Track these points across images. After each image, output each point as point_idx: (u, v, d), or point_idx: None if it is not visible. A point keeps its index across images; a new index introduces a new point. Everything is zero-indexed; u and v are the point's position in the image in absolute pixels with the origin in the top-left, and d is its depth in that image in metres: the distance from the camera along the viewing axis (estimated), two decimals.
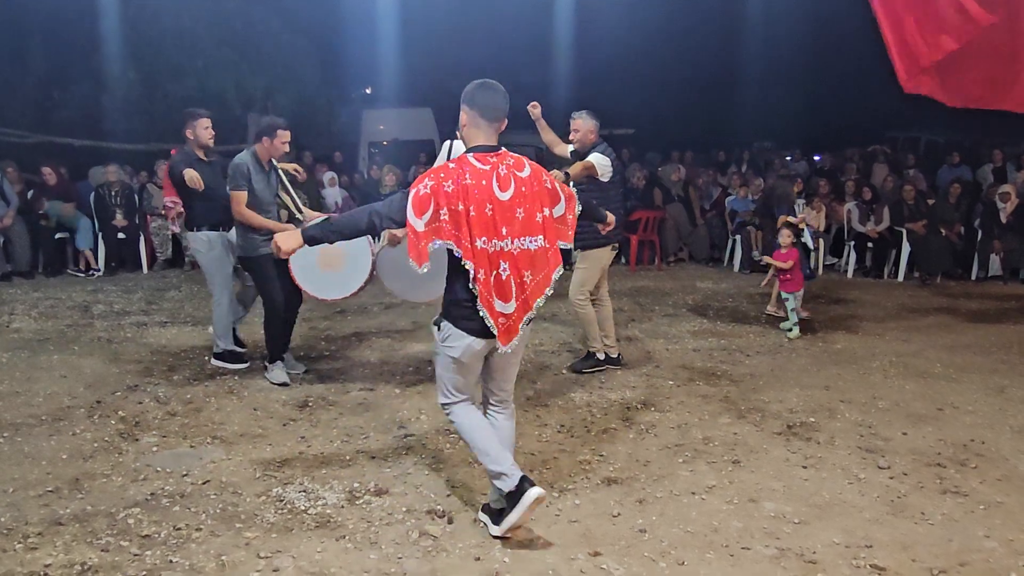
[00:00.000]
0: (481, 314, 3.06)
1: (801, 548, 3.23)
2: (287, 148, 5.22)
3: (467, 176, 3.02)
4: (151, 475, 3.87)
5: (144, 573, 3.00)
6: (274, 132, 5.11)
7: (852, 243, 10.19)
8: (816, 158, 14.66)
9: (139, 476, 3.86)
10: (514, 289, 3.09)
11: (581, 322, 5.69)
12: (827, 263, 10.49)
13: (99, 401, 4.94)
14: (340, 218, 3.36)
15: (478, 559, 3.13)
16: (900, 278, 9.76)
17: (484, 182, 3.03)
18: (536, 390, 5.22)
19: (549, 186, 3.20)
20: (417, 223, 3.01)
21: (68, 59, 12.30)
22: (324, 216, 4.78)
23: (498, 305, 3.07)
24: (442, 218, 3.01)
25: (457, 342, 3.14)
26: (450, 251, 3.07)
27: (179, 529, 3.33)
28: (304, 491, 3.71)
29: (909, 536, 3.35)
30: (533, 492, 3.14)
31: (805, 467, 4.05)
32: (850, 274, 10.09)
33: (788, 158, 14.48)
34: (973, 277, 9.80)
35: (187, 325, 7.01)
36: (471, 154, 3.09)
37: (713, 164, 13.35)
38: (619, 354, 5.76)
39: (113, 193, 9.83)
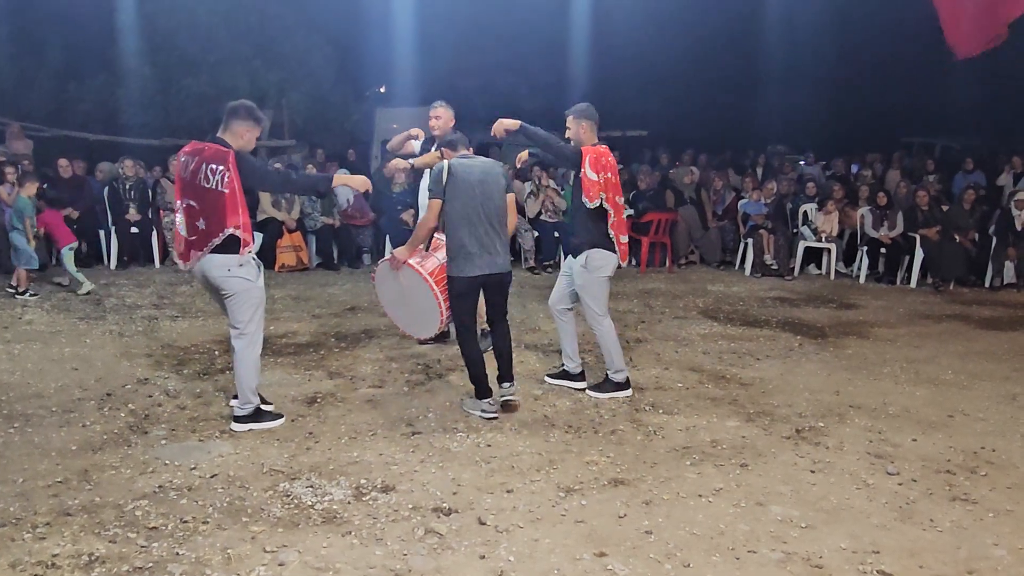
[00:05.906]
0: (613, 243, 4.87)
1: (808, 552, 3.22)
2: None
3: (603, 156, 4.85)
4: (159, 468, 3.90)
5: (151, 565, 3.01)
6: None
7: (865, 248, 10.14)
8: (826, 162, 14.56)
9: (147, 469, 3.88)
10: (624, 227, 4.99)
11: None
12: (839, 269, 10.45)
13: (109, 394, 4.98)
14: (548, 137, 4.83)
15: (483, 557, 3.13)
16: (913, 284, 9.71)
17: (611, 159, 4.90)
18: (544, 390, 5.22)
19: None
20: (592, 175, 4.80)
21: (85, 52, 12.32)
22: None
23: (621, 238, 4.92)
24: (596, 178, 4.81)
25: (608, 263, 4.90)
26: (600, 204, 4.80)
27: (186, 522, 3.35)
28: (311, 487, 3.72)
29: (917, 543, 3.33)
30: (626, 392, 5.09)
31: (813, 471, 4.03)
32: (862, 279, 10.04)
33: (802, 162, 14.39)
34: (987, 284, 9.74)
35: (198, 319, 7.04)
36: (594, 144, 4.87)
37: (728, 166, 13.29)
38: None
39: (127, 188, 9.89)
